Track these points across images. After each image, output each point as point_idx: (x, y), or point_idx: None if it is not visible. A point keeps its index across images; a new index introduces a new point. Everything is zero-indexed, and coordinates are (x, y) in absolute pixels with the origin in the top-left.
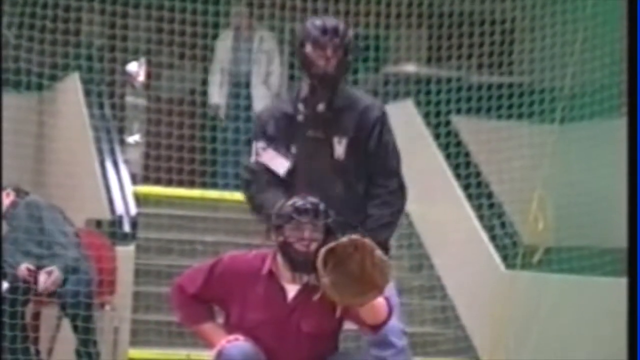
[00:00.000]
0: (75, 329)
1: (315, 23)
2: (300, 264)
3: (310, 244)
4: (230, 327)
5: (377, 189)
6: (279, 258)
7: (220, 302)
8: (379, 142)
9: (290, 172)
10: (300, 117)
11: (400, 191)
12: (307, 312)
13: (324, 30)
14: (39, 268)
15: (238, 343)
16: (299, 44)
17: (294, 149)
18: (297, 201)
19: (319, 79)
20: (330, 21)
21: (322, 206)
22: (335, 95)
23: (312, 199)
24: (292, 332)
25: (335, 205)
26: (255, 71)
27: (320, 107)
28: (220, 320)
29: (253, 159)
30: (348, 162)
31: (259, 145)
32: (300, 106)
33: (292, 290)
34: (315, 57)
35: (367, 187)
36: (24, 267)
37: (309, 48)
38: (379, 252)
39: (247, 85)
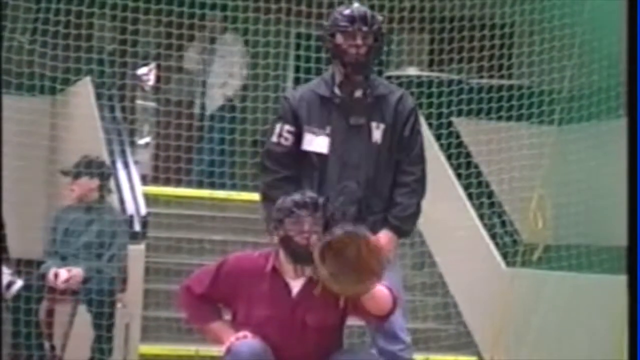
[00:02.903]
0: (97, 326)
1: (343, 12)
2: (301, 256)
3: (310, 237)
4: (237, 325)
5: (405, 177)
6: (282, 255)
7: (227, 301)
8: (413, 130)
9: (329, 155)
10: (337, 101)
11: (424, 180)
12: (311, 306)
13: (352, 19)
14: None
15: (246, 340)
16: (329, 34)
17: (328, 130)
18: (296, 196)
19: (352, 67)
20: (359, 9)
21: (321, 200)
22: (368, 81)
23: (311, 194)
24: (297, 326)
25: (365, 188)
26: (215, 71)
27: (358, 93)
28: (228, 318)
29: (275, 139)
30: (383, 147)
31: (285, 127)
32: (337, 90)
33: (296, 285)
34: (346, 45)
35: (395, 175)
36: (52, 272)
37: (339, 37)
38: (373, 240)
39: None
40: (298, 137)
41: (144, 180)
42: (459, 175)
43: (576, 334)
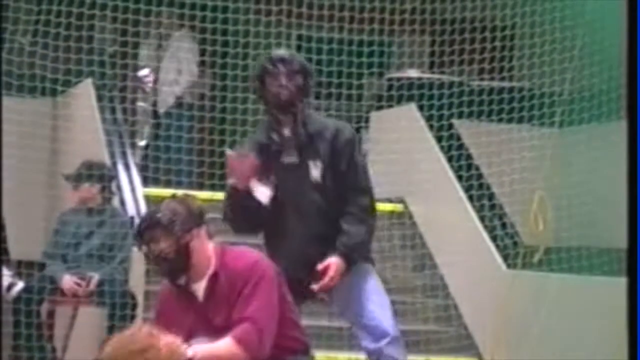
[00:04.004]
0: (110, 328)
1: (265, 57)
2: (164, 271)
3: (167, 254)
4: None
5: (350, 207)
6: None
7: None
8: (351, 161)
9: (274, 199)
10: (274, 146)
11: (372, 209)
12: (215, 305)
13: (272, 63)
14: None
15: None
16: (256, 79)
17: (272, 178)
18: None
19: (277, 108)
20: (278, 53)
21: (164, 218)
22: (296, 120)
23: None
24: (212, 329)
25: (317, 227)
26: (165, 67)
27: (286, 132)
28: None
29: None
30: (325, 184)
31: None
32: (274, 135)
33: (199, 289)
34: (269, 88)
35: (341, 206)
36: (69, 280)
37: (262, 81)
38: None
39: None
40: None
41: (145, 181)
42: (459, 177)
43: (577, 336)
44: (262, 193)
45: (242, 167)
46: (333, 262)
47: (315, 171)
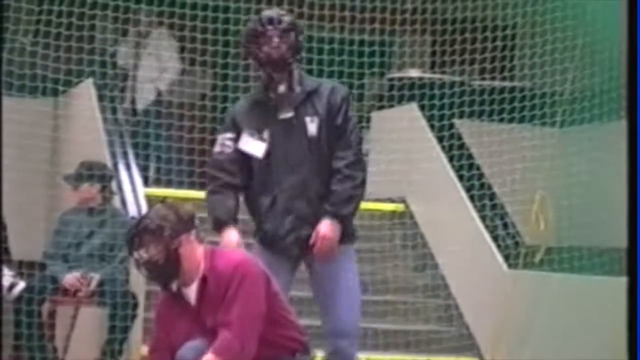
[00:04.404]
0: (111, 328)
1: (254, 19)
2: (158, 278)
3: (157, 260)
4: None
5: (337, 162)
6: None
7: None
8: (345, 118)
9: (267, 155)
10: (271, 103)
11: (358, 164)
12: (207, 308)
13: (261, 23)
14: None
15: (188, 343)
16: (247, 42)
17: (266, 134)
18: (133, 229)
19: (270, 65)
20: (265, 13)
21: (152, 224)
22: (291, 76)
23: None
24: (208, 331)
25: (311, 182)
26: (145, 66)
27: (282, 89)
28: None
29: (217, 149)
30: (320, 139)
31: (225, 136)
32: (270, 93)
33: (191, 293)
34: (260, 47)
35: (332, 161)
36: (72, 277)
37: (253, 42)
38: None
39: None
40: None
41: (146, 181)
42: (460, 177)
43: (578, 336)
44: (257, 147)
45: None
46: (324, 224)
47: (312, 126)
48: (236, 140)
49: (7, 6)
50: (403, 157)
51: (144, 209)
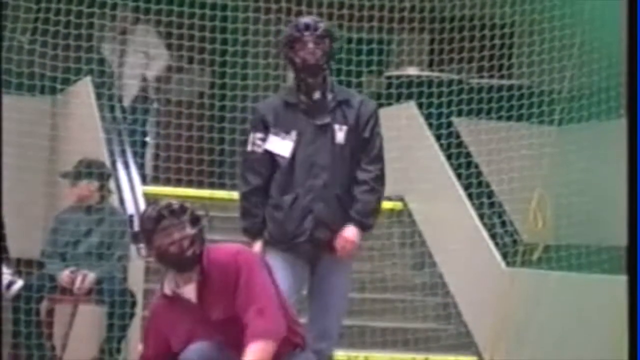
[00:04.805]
0: (110, 326)
1: (292, 24)
2: (181, 264)
3: (181, 244)
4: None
5: (364, 174)
6: (167, 276)
7: (167, 345)
8: (372, 131)
9: (292, 155)
10: (302, 106)
11: (382, 179)
12: (211, 303)
13: (299, 28)
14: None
15: (193, 345)
16: (284, 46)
17: (293, 134)
18: (152, 212)
19: (306, 71)
20: (304, 19)
21: (176, 205)
22: (325, 83)
23: (167, 202)
24: (211, 327)
25: (332, 187)
26: (130, 62)
27: (316, 95)
28: None
29: (249, 148)
30: (346, 147)
31: (256, 135)
32: (301, 96)
33: (190, 292)
34: (297, 52)
35: (356, 172)
36: (66, 274)
37: (291, 46)
38: None
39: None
40: None
41: (144, 180)
42: (459, 176)
43: (577, 334)
44: (285, 146)
45: None
46: (350, 230)
47: (340, 134)
48: (265, 139)
49: (5, 4)
50: (401, 156)
51: (143, 206)
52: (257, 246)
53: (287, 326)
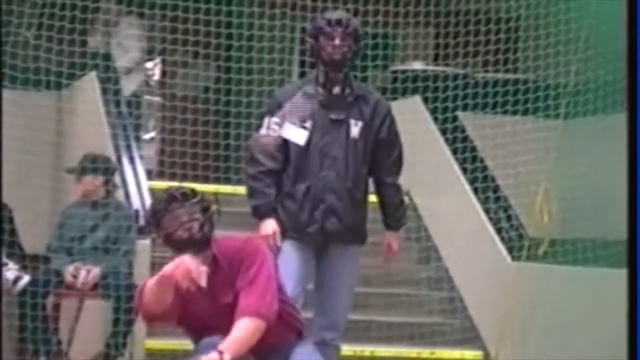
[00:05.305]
0: (115, 321)
1: (324, 17)
2: (189, 247)
3: (191, 226)
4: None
5: (389, 176)
6: (178, 260)
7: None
8: (390, 131)
9: (307, 144)
10: (320, 98)
11: (399, 178)
12: (221, 287)
13: (330, 22)
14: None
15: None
16: (310, 36)
17: (308, 123)
18: (163, 194)
19: (331, 65)
20: (336, 14)
21: (187, 189)
22: (347, 79)
23: (179, 186)
24: (222, 310)
25: (344, 179)
26: (115, 55)
27: (336, 90)
28: None
29: (264, 131)
30: (360, 142)
31: (273, 120)
32: (320, 89)
33: (202, 275)
34: (325, 46)
35: (380, 174)
36: (70, 269)
37: (319, 39)
38: None
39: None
40: None
41: (150, 175)
42: (464, 170)
43: (582, 328)
44: (300, 134)
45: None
46: (393, 237)
47: (355, 129)
48: (281, 125)
49: None
50: (406, 150)
51: (148, 201)
52: (270, 225)
53: (288, 312)
